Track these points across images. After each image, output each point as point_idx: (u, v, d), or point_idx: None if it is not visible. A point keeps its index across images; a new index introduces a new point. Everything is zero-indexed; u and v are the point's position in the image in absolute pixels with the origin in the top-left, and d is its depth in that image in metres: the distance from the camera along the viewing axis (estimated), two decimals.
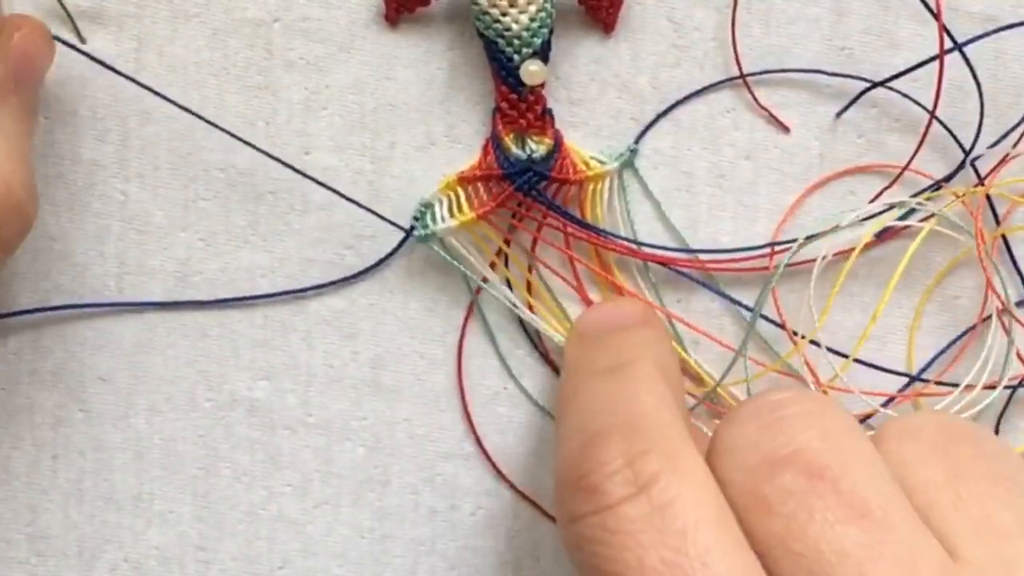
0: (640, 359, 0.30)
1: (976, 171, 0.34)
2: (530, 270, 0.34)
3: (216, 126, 0.33)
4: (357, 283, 0.34)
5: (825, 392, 0.34)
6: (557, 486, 0.28)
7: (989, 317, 0.34)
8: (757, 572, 0.25)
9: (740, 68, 0.33)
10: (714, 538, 0.25)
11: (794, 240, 0.33)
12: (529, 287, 0.34)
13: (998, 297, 0.33)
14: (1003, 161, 0.34)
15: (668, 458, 0.26)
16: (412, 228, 0.33)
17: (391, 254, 0.34)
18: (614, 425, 0.27)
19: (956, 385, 0.34)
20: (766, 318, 0.34)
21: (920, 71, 0.33)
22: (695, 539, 0.25)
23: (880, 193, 0.34)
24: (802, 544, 0.25)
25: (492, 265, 0.34)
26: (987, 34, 0.33)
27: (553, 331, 0.34)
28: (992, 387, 0.34)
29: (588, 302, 0.34)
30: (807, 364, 0.34)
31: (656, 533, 0.25)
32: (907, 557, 0.25)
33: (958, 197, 0.33)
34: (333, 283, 0.34)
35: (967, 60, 0.33)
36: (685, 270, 0.34)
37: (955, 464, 0.27)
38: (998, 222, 0.34)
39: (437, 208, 0.33)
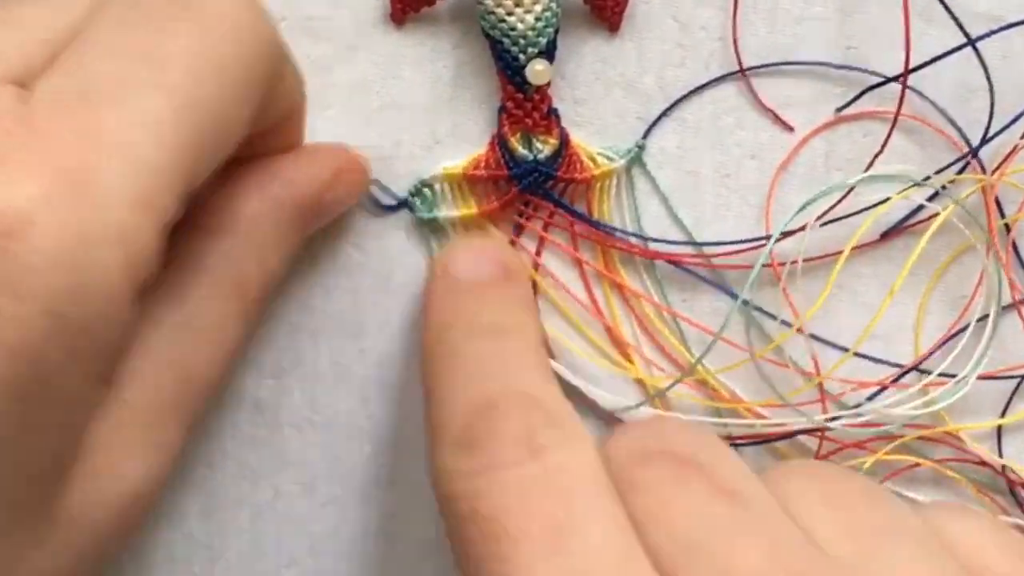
0: (525, 326, 0.31)
1: (983, 167, 0.34)
2: (536, 268, 0.34)
3: None
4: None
5: (822, 383, 0.34)
6: (437, 443, 0.28)
7: (1007, 307, 0.34)
8: (631, 532, 0.26)
9: (740, 65, 0.33)
10: (596, 499, 0.26)
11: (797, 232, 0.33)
12: (535, 286, 0.34)
13: (1012, 286, 0.34)
14: (1012, 152, 0.34)
15: (561, 431, 0.27)
16: (405, 201, 0.34)
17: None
18: (510, 394, 0.28)
19: (953, 376, 0.34)
20: (767, 313, 0.34)
21: (925, 71, 0.33)
22: (579, 497, 0.26)
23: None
24: (675, 515, 0.26)
25: None
26: (999, 30, 0.33)
27: (558, 332, 0.34)
28: (992, 377, 0.34)
29: (594, 301, 0.34)
30: (811, 352, 0.34)
31: (542, 488, 0.26)
32: (774, 534, 0.26)
33: (979, 182, 0.33)
34: None
35: (980, 56, 0.33)
36: (692, 267, 0.34)
37: (829, 485, 0.28)
38: (1003, 215, 0.34)
39: (437, 190, 0.33)
